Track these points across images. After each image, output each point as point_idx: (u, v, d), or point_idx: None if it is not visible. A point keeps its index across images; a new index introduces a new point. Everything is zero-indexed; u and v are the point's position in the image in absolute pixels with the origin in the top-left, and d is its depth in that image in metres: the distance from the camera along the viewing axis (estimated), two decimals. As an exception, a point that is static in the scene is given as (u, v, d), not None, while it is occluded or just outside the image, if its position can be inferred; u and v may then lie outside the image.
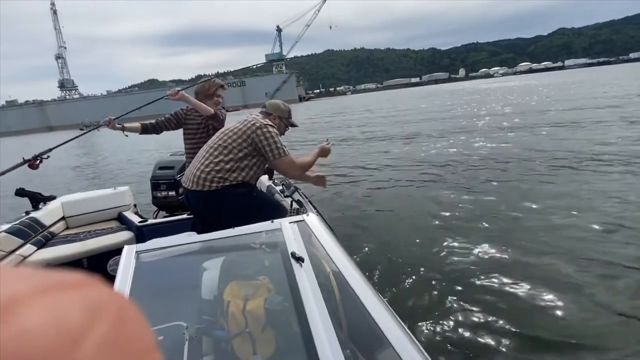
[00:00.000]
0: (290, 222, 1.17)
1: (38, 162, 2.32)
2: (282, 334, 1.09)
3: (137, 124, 2.55)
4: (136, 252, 1.12)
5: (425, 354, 0.77)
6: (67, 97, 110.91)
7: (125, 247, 1.14)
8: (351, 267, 0.91)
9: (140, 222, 2.32)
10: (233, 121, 2.01)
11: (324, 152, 2.12)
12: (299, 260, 0.94)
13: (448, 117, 14.31)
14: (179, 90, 2.37)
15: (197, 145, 2.30)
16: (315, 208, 1.98)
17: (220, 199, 1.75)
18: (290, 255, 0.97)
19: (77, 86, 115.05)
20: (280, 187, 2.37)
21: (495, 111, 14.70)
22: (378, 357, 0.85)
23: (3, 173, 2.14)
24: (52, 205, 2.53)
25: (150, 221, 2.33)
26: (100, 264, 2.11)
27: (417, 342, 0.87)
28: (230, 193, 1.75)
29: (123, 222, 2.55)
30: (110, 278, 1.17)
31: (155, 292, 1.19)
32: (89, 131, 2.84)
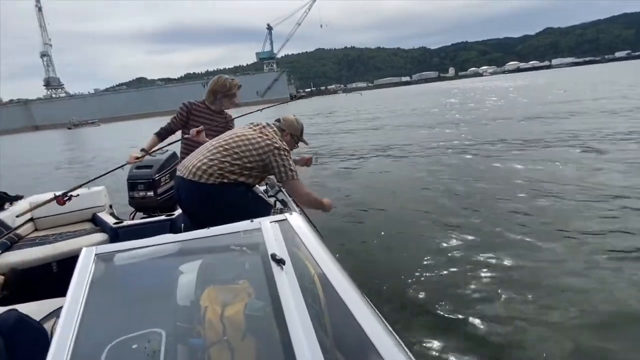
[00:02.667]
0: (271, 222, 1.10)
1: (66, 199, 2.21)
2: (262, 342, 1.02)
3: (154, 138, 2.46)
4: (96, 254, 1.03)
5: None
6: (54, 95, 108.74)
7: (84, 249, 1.06)
8: (336, 270, 0.84)
9: (115, 223, 2.22)
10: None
11: (307, 163, 2.24)
12: (280, 262, 0.87)
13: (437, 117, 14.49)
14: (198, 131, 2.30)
15: (200, 141, 2.22)
16: (299, 207, 1.92)
17: (213, 195, 1.71)
18: (270, 257, 0.90)
19: (63, 84, 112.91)
20: (264, 187, 2.29)
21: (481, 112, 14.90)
22: None
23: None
24: (19, 205, 2.40)
25: (126, 222, 2.23)
26: (71, 268, 1.99)
27: (405, 348, 0.81)
28: (224, 190, 1.72)
29: (97, 223, 2.43)
30: None
31: (124, 298, 1.11)
32: (120, 167, 2.51)
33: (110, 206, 2.62)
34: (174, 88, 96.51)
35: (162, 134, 2.49)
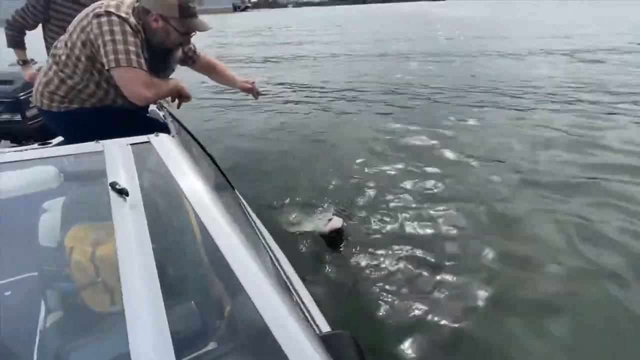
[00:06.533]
0: (122, 145, 0.89)
1: None
2: (168, 268, 0.93)
3: (17, 52, 2.03)
4: None
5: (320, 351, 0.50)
6: None
7: None
8: (215, 207, 0.70)
9: None
10: None
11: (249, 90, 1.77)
12: (122, 193, 0.70)
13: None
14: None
15: None
16: (186, 130, 1.54)
17: (66, 124, 1.42)
18: (109, 186, 0.73)
19: None
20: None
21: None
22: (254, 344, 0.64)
23: None
24: None
25: None
26: None
27: (313, 327, 0.72)
28: (77, 120, 1.40)
29: None
30: None
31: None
32: None
33: None
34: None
35: (18, 41, 1.98)
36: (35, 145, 1.84)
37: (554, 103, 5.09)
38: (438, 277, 1.99)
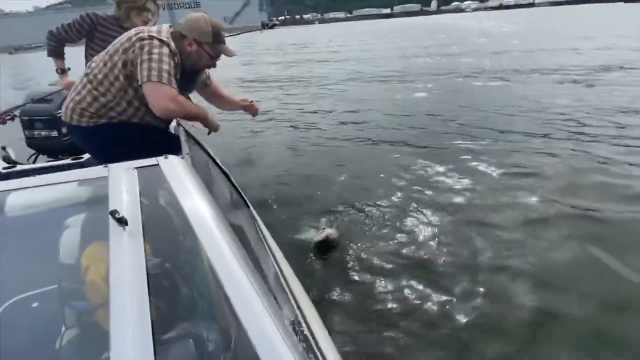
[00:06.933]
0: (128, 169, 0.88)
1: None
2: (161, 295, 0.92)
3: (57, 61, 2.21)
4: None
5: None
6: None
7: None
8: (219, 233, 0.67)
9: (5, 168, 1.91)
10: None
11: (250, 110, 1.89)
12: (121, 222, 0.70)
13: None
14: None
15: None
16: (202, 148, 1.56)
17: (92, 138, 1.48)
18: (109, 214, 0.72)
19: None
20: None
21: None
22: None
23: None
24: None
25: (20, 167, 1.92)
26: None
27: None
28: (108, 135, 1.46)
29: None
30: None
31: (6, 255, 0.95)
32: None
33: (4, 148, 2.25)
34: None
35: (59, 51, 2.14)
36: (69, 160, 1.94)
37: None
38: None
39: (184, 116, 1.52)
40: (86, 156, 1.92)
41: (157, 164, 0.91)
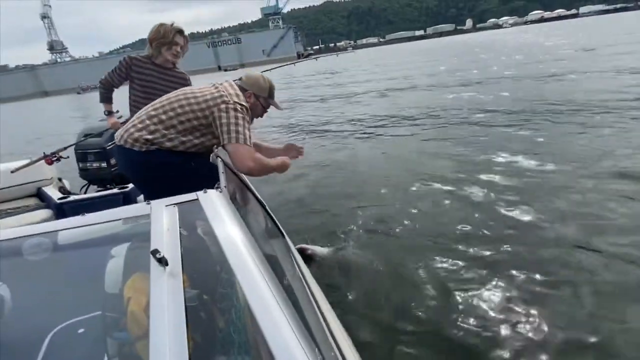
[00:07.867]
0: (169, 205, 0.90)
1: (55, 159, 2.26)
2: (199, 333, 0.92)
3: (106, 105, 2.45)
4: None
5: None
6: (59, 59, 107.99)
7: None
8: (255, 269, 0.67)
9: (60, 198, 2.06)
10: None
11: (291, 153, 1.96)
12: (161, 262, 0.71)
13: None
14: None
15: (144, 100, 2.05)
16: (239, 178, 1.64)
17: (144, 163, 1.55)
18: (150, 254, 0.73)
19: (66, 48, 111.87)
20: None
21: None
22: None
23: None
24: None
25: (72, 197, 2.06)
26: (6, 250, 1.88)
27: None
28: (154, 159, 1.54)
29: (43, 198, 2.24)
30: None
31: (53, 285, 1.01)
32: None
33: (60, 179, 2.46)
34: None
35: (107, 97, 2.37)
36: (116, 189, 2.08)
37: None
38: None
39: (263, 173, 1.67)
40: (131, 186, 2.05)
41: (197, 199, 0.93)
